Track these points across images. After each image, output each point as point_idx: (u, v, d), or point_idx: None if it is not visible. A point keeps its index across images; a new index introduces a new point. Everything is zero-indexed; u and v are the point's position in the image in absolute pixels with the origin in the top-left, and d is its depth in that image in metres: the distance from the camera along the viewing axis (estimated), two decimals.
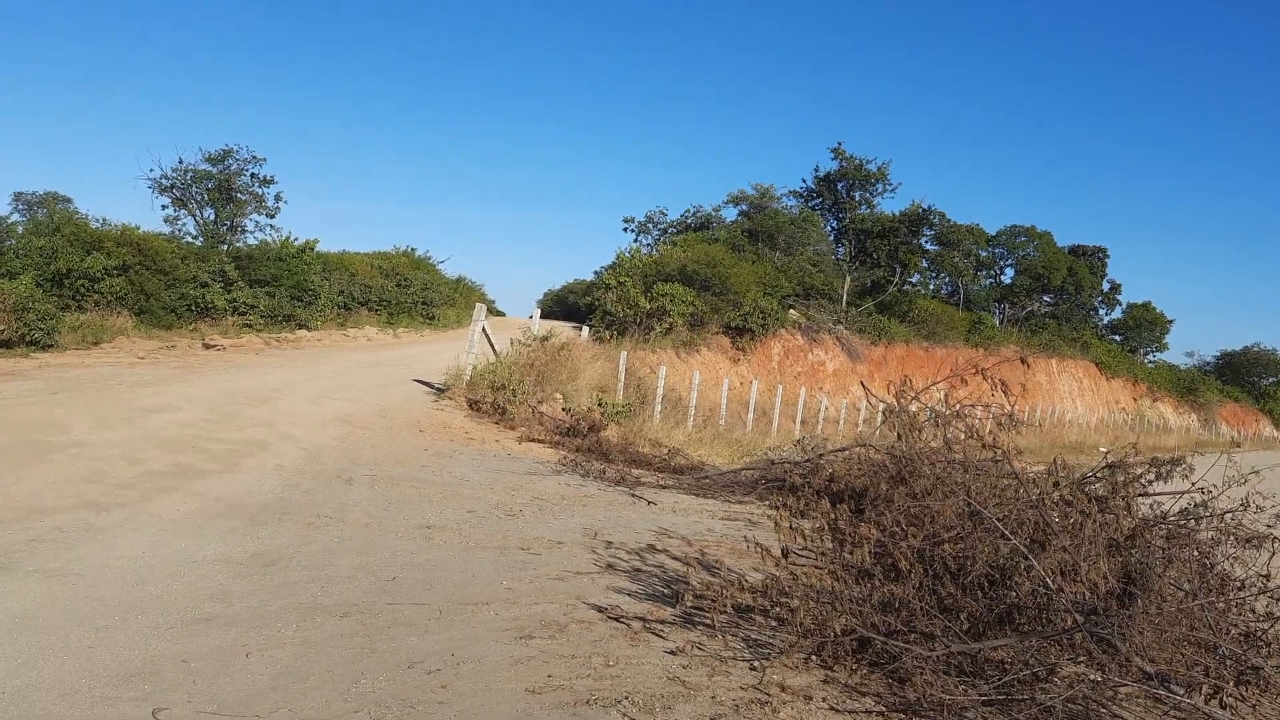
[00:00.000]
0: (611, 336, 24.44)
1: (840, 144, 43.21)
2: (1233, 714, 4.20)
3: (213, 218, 26.77)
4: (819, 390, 32.00)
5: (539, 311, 20.90)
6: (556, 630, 5.11)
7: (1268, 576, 6.20)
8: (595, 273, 37.61)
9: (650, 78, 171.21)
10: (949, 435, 5.98)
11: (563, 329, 20.63)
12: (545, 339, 15.85)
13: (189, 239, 25.95)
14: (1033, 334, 51.99)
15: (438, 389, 15.13)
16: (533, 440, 12.59)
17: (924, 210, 42.91)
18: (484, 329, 16.00)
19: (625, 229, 47.54)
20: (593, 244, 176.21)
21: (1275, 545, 6.47)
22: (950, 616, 5.16)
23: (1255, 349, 76.27)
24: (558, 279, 70.60)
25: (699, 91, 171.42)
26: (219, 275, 22.36)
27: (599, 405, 14.60)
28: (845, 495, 8.82)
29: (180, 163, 26.35)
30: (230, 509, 7.26)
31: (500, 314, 41.22)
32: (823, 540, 6.00)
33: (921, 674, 4.42)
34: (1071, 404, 49.30)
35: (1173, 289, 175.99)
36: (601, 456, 11.99)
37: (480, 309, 16.33)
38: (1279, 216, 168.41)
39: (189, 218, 26.79)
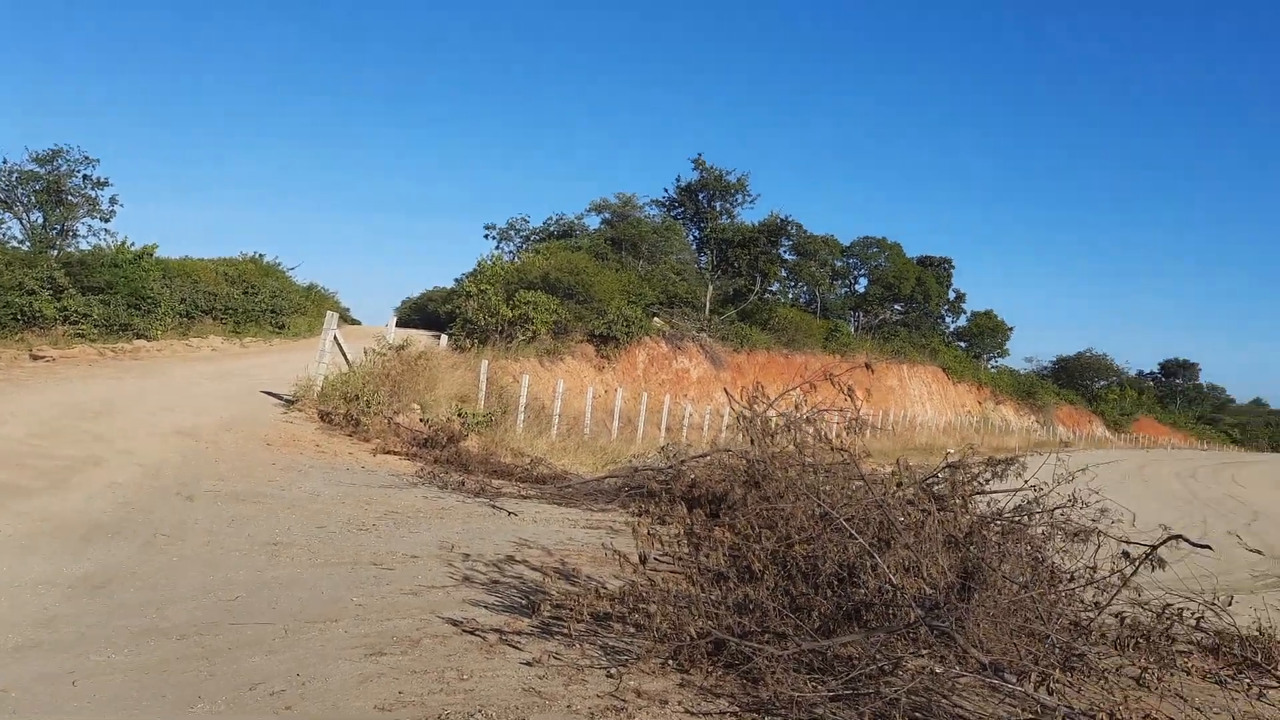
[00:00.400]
0: (473, 345, 24.12)
1: (701, 155, 44.14)
2: (1060, 699, 4.44)
3: (41, 221, 25.13)
4: (684, 397, 32.41)
5: (395, 319, 20.43)
6: (409, 646, 4.98)
7: (1094, 568, 6.59)
8: (456, 280, 37.07)
9: (511, 84, 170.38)
10: (800, 440, 6.13)
11: (421, 337, 20.24)
12: (401, 348, 15.49)
13: (14, 244, 24.28)
14: (885, 340, 54.07)
15: (287, 401, 14.60)
16: (388, 452, 12.29)
17: (782, 221, 44.16)
18: (336, 338, 15.53)
19: (487, 236, 47.14)
20: (454, 251, 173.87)
21: (1100, 538, 6.89)
22: (803, 615, 5.27)
23: (1088, 354, 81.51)
24: (417, 287, 69.21)
25: (561, 99, 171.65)
26: (48, 282, 20.94)
27: (459, 415, 14.37)
28: (706, 500, 8.94)
29: (4, 163, 24.66)
30: (59, 529, 6.80)
31: (356, 323, 40.12)
32: (680, 546, 6.06)
33: (773, 673, 4.50)
34: (922, 408, 51.47)
35: (1012, 298, 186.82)
36: (461, 468, 11.79)
37: (332, 317, 15.84)
38: (1110, 229, 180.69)
39: (14, 221, 25.09)
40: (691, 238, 44.87)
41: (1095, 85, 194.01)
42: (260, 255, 33.57)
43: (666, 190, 45.81)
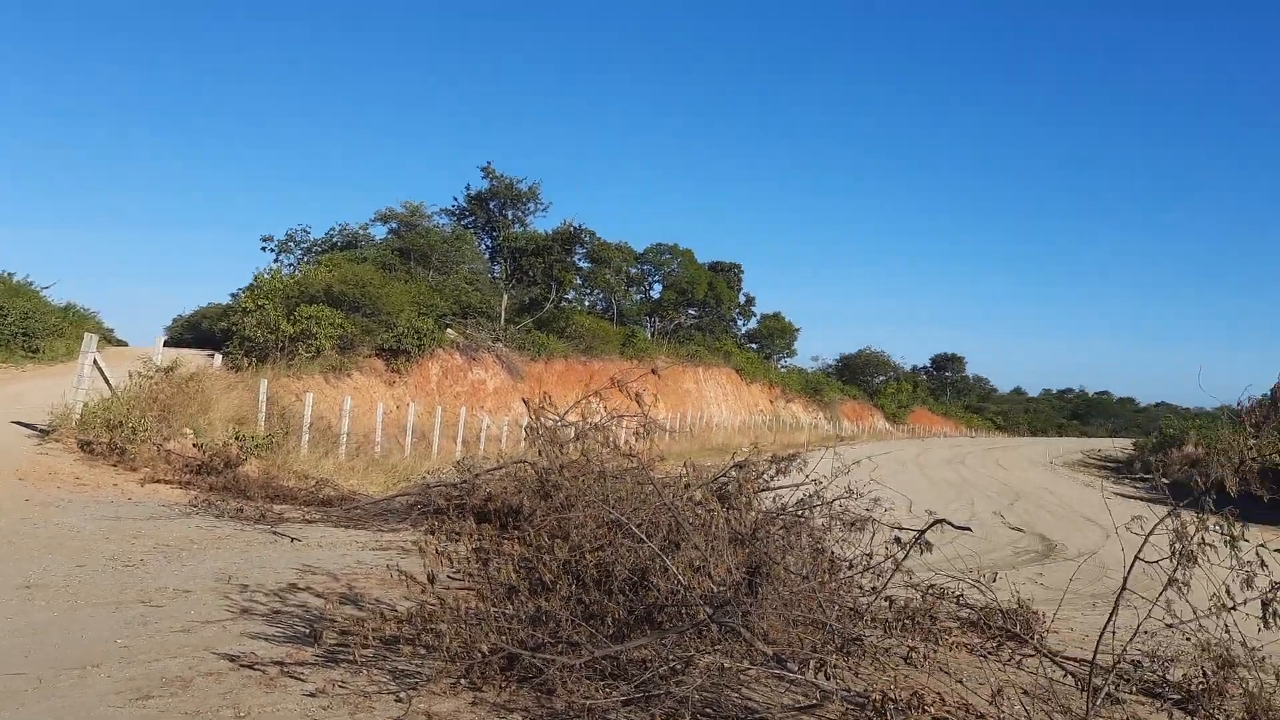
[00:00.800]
0: (251, 364, 22.85)
1: (490, 163, 43.79)
2: (838, 682, 4.65)
3: None
4: (480, 409, 32.01)
5: (165, 339, 19.10)
6: (180, 686, 4.63)
7: (870, 555, 6.98)
8: (232, 295, 35.07)
9: (283, 89, 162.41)
10: (589, 448, 6.15)
11: (193, 357, 19.01)
12: (170, 369, 14.48)
13: None
14: (681, 345, 55.46)
15: (42, 431, 13.34)
16: (158, 481, 11.45)
17: (575, 229, 44.51)
18: (96, 361, 14.33)
19: (264, 249, 44.73)
20: (229, 266, 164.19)
21: (875, 526, 7.30)
22: (597, 623, 5.29)
23: (868, 351, 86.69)
24: (190, 304, 64.74)
25: (339, 105, 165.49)
26: None
27: (236, 439, 13.57)
28: (502, 514, 8.84)
29: None
30: None
31: (122, 344, 37.22)
32: (471, 562, 5.95)
33: (566, 683, 4.48)
34: (717, 409, 53.11)
35: (798, 300, 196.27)
36: (239, 494, 11.13)
37: (90, 339, 14.61)
38: (885, 231, 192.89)
39: None
40: (484, 247, 44.48)
41: (863, 86, 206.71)
42: (9, 274, 30.63)
43: (456, 199, 45.26)
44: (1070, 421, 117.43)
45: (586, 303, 55.46)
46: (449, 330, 35.23)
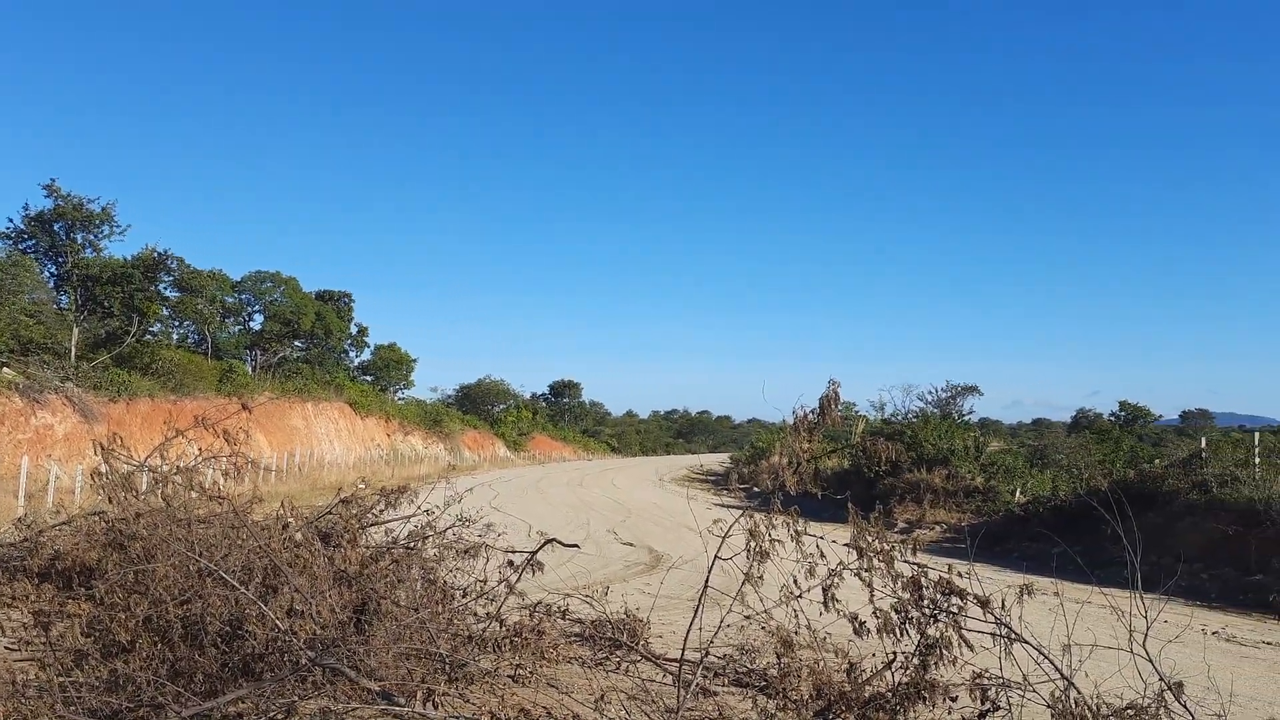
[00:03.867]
0: None
1: (54, 180, 38.76)
2: (447, 710, 4.63)
3: None
4: (47, 458, 28.10)
5: None
6: None
7: (485, 580, 7.05)
8: None
9: None
10: (171, 492, 5.63)
11: None
12: None
13: None
14: (288, 379, 52.45)
15: None
16: None
17: (160, 255, 40.66)
18: None
19: None
20: None
21: (489, 552, 7.39)
22: (186, 680, 4.86)
23: (488, 381, 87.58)
24: None
25: None
26: None
27: None
28: (72, 572, 7.82)
29: None
30: None
31: None
32: (29, 629, 5.21)
33: None
34: (330, 445, 50.84)
35: (414, 330, 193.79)
36: None
37: None
38: (494, 260, 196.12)
39: None
40: (48, 274, 39.19)
41: (474, 98, 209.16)
42: None
43: (12, 220, 39.53)
44: (677, 440, 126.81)
45: (176, 336, 50.76)
46: (5, 370, 30.63)
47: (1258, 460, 17.58)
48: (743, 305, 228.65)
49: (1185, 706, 4.47)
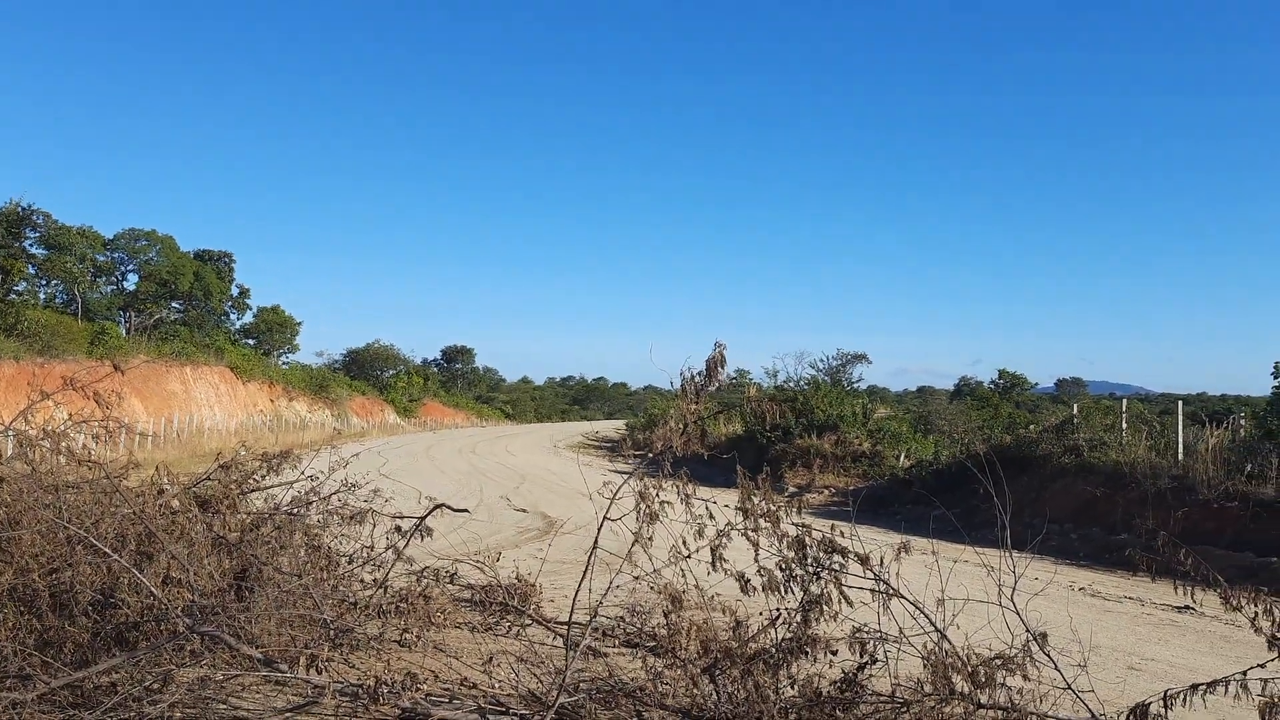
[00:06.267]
0: None
1: None
2: (332, 675, 4.57)
3: None
4: None
5: None
6: None
7: (371, 547, 6.94)
8: None
9: None
10: (37, 458, 5.37)
11: None
12: None
13: None
14: (164, 341, 50.38)
15: None
16: None
17: (25, 210, 38.48)
18: None
19: None
20: None
21: (376, 518, 7.28)
22: (55, 651, 4.69)
23: (377, 345, 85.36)
24: None
25: None
26: None
27: None
28: None
29: None
30: None
31: None
32: None
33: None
34: (210, 411, 49.14)
35: (300, 292, 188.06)
36: None
37: None
38: (386, 222, 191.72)
39: None
40: None
41: (360, 63, 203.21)
42: None
43: None
44: (573, 407, 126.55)
45: (43, 296, 48.18)
46: None
47: (1125, 426, 18.54)
48: (639, 272, 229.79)
49: (1049, 656, 4.72)
